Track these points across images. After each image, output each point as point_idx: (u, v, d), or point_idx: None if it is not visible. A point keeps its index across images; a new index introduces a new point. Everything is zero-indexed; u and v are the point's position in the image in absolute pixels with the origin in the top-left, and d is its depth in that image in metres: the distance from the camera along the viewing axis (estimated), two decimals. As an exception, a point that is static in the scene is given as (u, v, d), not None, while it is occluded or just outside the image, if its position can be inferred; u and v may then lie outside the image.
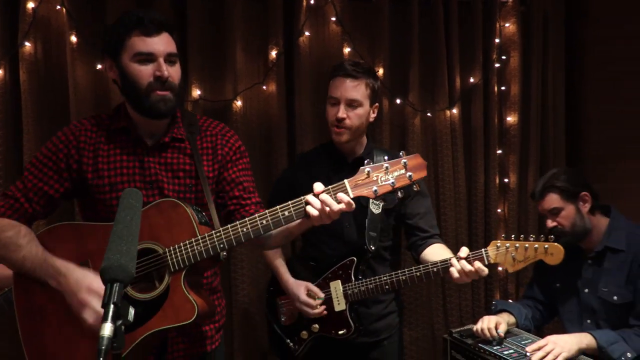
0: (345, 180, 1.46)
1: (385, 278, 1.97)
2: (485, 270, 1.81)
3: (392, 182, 1.44)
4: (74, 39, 2.48)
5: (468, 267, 1.80)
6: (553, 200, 2.19)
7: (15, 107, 2.48)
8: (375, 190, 1.45)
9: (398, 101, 2.86)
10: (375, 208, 2.05)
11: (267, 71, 2.68)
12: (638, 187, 2.95)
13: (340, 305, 2.02)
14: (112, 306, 0.94)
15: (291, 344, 2.12)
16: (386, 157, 1.48)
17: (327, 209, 1.42)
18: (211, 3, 2.66)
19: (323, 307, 2.01)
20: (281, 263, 2.14)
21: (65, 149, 1.60)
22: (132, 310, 0.99)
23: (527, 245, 1.84)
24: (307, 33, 2.71)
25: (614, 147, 3.01)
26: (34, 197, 1.58)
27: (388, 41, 2.83)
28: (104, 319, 0.93)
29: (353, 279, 2.02)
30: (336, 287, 2.04)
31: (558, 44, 3.09)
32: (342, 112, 1.98)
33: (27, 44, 2.43)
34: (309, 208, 1.43)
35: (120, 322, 0.94)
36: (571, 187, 2.19)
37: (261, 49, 2.72)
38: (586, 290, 2.23)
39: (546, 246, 1.85)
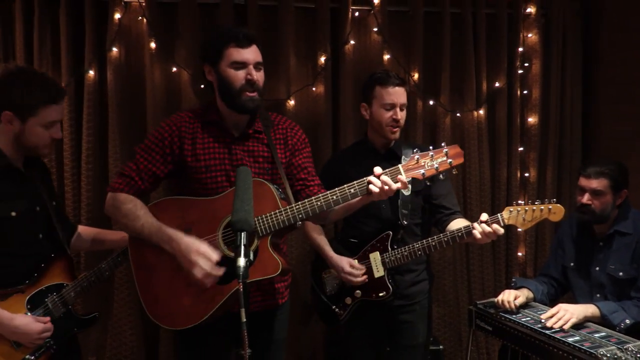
0: (399, 165, 1.82)
1: (417, 245, 2.29)
2: (501, 230, 2.13)
3: (436, 167, 1.80)
4: (152, 45, 2.87)
5: (487, 228, 2.12)
6: (603, 184, 2.43)
7: (102, 102, 2.87)
8: (423, 173, 1.81)
9: (431, 102, 3.17)
10: (406, 190, 2.39)
11: (317, 75, 3.03)
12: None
13: (379, 272, 2.35)
14: (242, 247, 1.30)
15: (337, 309, 2.46)
16: (430, 148, 1.81)
17: (386, 187, 1.77)
18: (267, 15, 3.00)
19: (365, 276, 2.33)
20: (324, 242, 2.43)
21: (169, 137, 1.95)
22: (251, 253, 1.35)
23: (534, 208, 2.21)
24: (352, 42, 3.05)
25: (624, 145, 3.26)
26: (144, 176, 1.93)
27: (422, 48, 3.14)
28: (236, 255, 1.29)
29: (390, 249, 2.35)
30: (375, 257, 2.37)
31: (575, 52, 3.35)
32: (400, 115, 2.35)
33: (114, 49, 2.82)
34: (371, 186, 1.79)
35: (247, 259, 1.31)
36: (621, 180, 2.46)
37: (310, 55, 3.06)
38: (597, 269, 2.51)
39: (550, 207, 2.21)
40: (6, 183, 1.90)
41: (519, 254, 3.35)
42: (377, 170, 1.81)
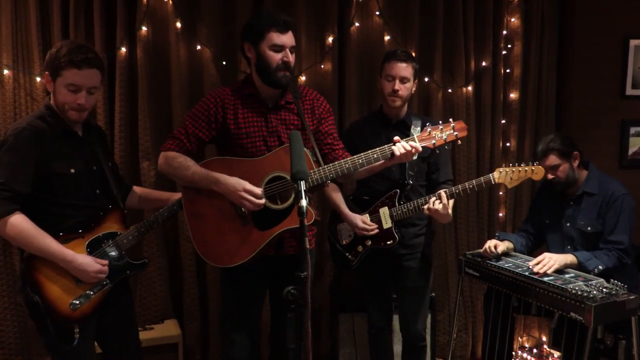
0: (415, 136, 2.21)
1: (421, 200, 2.67)
2: (440, 206, 2.56)
3: (445, 138, 2.20)
4: (178, 24, 3.14)
5: (438, 202, 2.57)
6: (553, 159, 2.81)
7: (132, 76, 3.15)
8: (434, 143, 2.20)
9: (426, 79, 3.51)
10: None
11: (325, 53, 3.36)
12: (608, 149, 3.67)
13: (387, 223, 2.72)
14: (302, 192, 1.65)
15: (350, 256, 2.84)
16: (440, 123, 2.21)
17: (408, 149, 2.18)
18: (281, -1, 3.32)
19: (376, 229, 2.71)
20: (341, 200, 2.77)
21: (214, 107, 2.28)
22: (308, 199, 1.69)
23: (519, 169, 2.64)
24: (356, 24, 3.37)
25: (592, 118, 3.68)
26: (192, 139, 2.27)
27: (418, 30, 3.46)
28: (297, 198, 1.63)
29: (397, 204, 2.73)
30: (384, 211, 2.74)
31: (552, 35, 3.71)
32: (397, 86, 2.67)
33: (143, 28, 3.09)
34: (394, 149, 2.17)
35: (307, 200, 1.65)
36: (566, 148, 2.83)
37: (319, 36, 3.37)
38: (568, 224, 2.93)
39: (533, 168, 2.65)
40: (66, 144, 2.15)
41: (500, 214, 3.78)
42: (396, 138, 2.21)
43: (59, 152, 2.13)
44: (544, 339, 3.81)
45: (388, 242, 2.74)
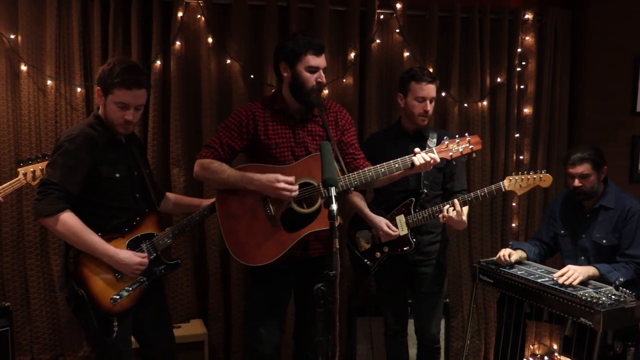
0: (433, 148, 2.37)
1: (435, 208, 2.80)
2: (453, 214, 2.70)
3: (461, 151, 2.35)
4: (209, 40, 3.34)
5: (452, 209, 2.71)
6: (586, 167, 2.89)
7: (166, 88, 3.33)
8: (451, 155, 2.36)
9: (443, 94, 3.66)
10: None
11: (347, 68, 3.53)
12: (619, 164, 3.79)
13: (403, 230, 2.85)
14: (333, 196, 1.81)
15: (368, 262, 2.97)
16: (456, 136, 2.36)
17: (427, 159, 2.33)
18: (305, 15, 3.48)
19: (397, 232, 2.82)
20: (364, 205, 2.85)
21: (246, 119, 2.46)
22: (337, 203, 1.85)
23: (528, 177, 2.80)
24: (377, 40, 3.54)
25: (603, 132, 3.80)
26: (225, 148, 2.44)
27: (436, 47, 3.61)
28: (328, 203, 1.79)
29: (412, 212, 2.87)
30: (400, 219, 2.87)
31: (565, 53, 3.84)
32: (429, 107, 2.82)
33: (177, 43, 3.28)
34: (414, 159, 2.33)
35: (335, 205, 1.81)
36: (600, 161, 2.95)
37: (342, 51, 3.54)
38: (583, 236, 3.02)
39: (541, 176, 2.81)
40: (112, 150, 2.34)
41: (513, 224, 3.90)
42: (417, 149, 2.37)
43: (107, 157, 2.31)
44: (555, 346, 3.92)
45: (405, 248, 2.88)
